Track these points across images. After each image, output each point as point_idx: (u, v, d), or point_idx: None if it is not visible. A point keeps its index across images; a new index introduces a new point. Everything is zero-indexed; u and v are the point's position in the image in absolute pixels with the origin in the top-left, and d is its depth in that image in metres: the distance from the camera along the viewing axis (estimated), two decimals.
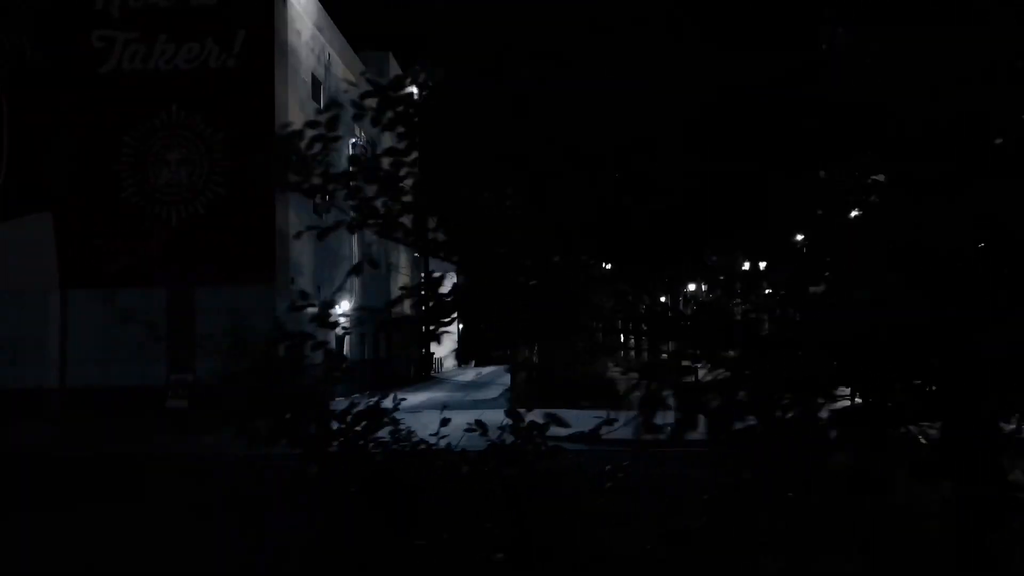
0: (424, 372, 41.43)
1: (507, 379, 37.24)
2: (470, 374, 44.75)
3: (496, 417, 15.45)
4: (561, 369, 21.43)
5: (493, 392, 28.41)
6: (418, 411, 23.10)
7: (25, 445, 15.85)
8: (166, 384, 20.66)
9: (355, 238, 28.89)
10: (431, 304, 3.60)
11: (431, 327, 3.31)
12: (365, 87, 3.51)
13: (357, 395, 16.96)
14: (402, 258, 37.95)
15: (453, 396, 26.90)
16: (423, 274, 38.59)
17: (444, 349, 50.62)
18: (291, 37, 22.85)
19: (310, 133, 3.25)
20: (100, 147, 21.33)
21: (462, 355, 57.77)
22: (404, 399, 3.95)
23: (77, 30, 21.55)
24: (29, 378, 20.92)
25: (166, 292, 21.00)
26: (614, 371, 30.93)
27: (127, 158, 21.28)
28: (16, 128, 21.64)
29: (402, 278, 37.81)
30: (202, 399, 20.53)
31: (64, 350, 21.04)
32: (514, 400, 20.57)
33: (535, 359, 23.32)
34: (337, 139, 3.25)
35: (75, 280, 21.17)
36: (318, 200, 16.76)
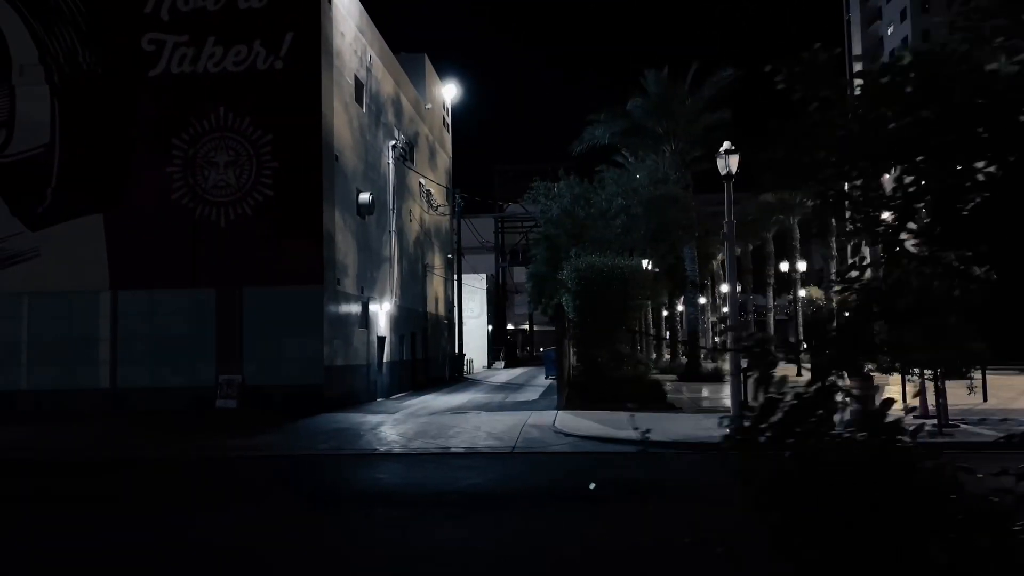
0: (457, 373, 41.43)
1: (541, 380, 37.22)
2: (501, 375, 44.69)
3: (545, 419, 15.55)
4: (607, 371, 21.36)
5: (531, 394, 28.32)
6: (464, 412, 23.11)
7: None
8: (215, 384, 20.82)
9: (395, 240, 29.00)
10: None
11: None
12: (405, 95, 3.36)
13: (400, 394, 17.41)
14: (436, 259, 38.00)
15: (493, 398, 26.84)
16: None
17: (473, 350, 50.65)
18: (336, 39, 22.96)
19: None
20: (150, 149, 21.54)
21: (490, 356, 57.84)
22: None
23: (127, 33, 21.77)
24: (81, 379, 21.16)
25: (215, 293, 21.16)
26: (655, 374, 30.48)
27: (176, 160, 21.45)
28: (67, 131, 21.88)
29: (436, 279, 37.89)
30: (250, 399, 20.70)
31: (115, 351, 21.24)
32: (564, 402, 20.51)
33: (574, 361, 23.24)
34: None
35: (125, 281, 21.37)
36: (364, 203, 17.01)
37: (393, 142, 29.31)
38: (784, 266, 44.16)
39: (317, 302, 21.06)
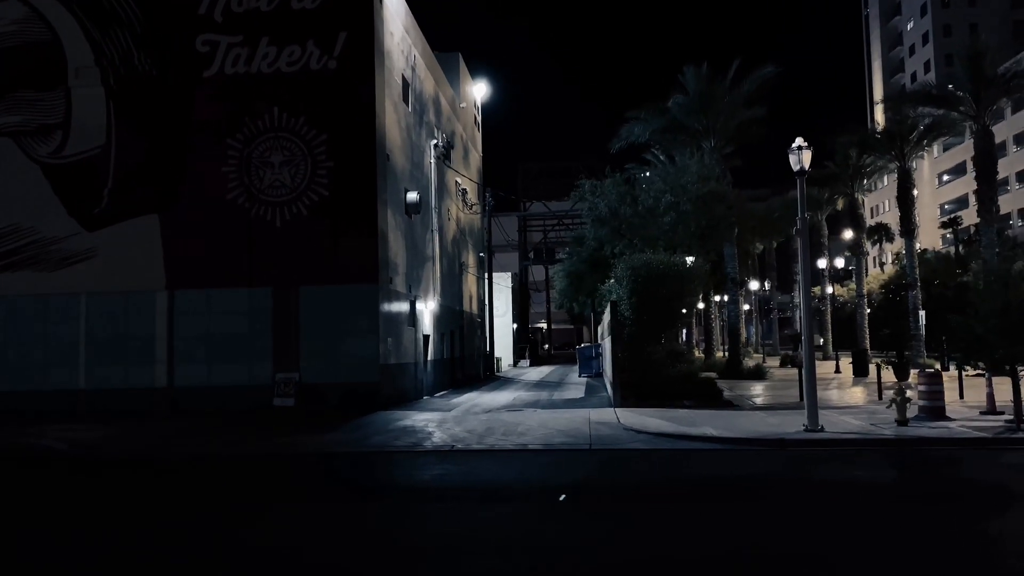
0: (489, 371, 41.54)
1: (574, 378, 37.28)
2: (532, 374, 44.75)
3: (606, 416, 15.65)
4: (661, 368, 21.39)
5: (574, 392, 28.35)
6: (519, 409, 23.05)
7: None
8: (272, 383, 20.95)
9: (436, 238, 29.11)
10: None
11: None
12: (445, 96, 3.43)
13: (442, 392, 17.64)
14: (470, 257, 38.10)
15: (538, 396, 26.88)
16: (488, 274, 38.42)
17: (500, 348, 50.72)
18: (386, 39, 23.06)
19: None
20: (205, 150, 21.68)
21: (515, 355, 57.91)
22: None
23: (181, 35, 21.91)
24: (138, 378, 21.33)
25: (271, 291, 21.29)
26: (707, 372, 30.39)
27: (231, 160, 21.58)
28: (123, 132, 22.04)
29: (470, 277, 37.99)
30: (306, 398, 20.82)
31: (172, 349, 21.40)
32: (619, 399, 20.56)
33: (625, 359, 23.19)
34: None
35: (181, 281, 21.53)
36: (412, 202, 17.31)
37: (435, 141, 29.41)
38: (822, 263, 43.99)
39: (373, 300, 21.17)
